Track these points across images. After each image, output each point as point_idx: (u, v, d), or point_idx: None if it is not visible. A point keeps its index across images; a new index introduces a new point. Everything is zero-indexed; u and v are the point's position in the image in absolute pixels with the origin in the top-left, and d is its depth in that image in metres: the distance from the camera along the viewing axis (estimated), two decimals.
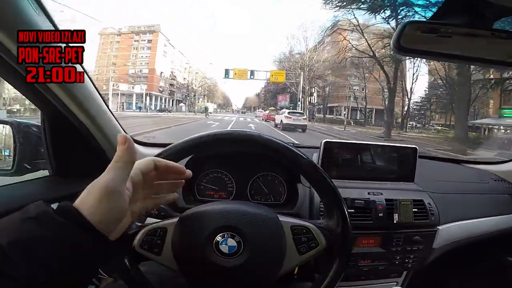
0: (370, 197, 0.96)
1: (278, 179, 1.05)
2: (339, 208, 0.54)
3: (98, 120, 0.83)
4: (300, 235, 0.53)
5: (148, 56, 34.93)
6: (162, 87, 36.03)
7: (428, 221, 0.98)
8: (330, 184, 0.55)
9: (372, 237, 0.96)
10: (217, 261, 0.49)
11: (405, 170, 1.09)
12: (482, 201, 1.17)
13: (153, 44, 34.98)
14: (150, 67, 34.57)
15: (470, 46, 0.63)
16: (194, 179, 1.02)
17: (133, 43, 34.52)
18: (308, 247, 0.53)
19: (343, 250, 0.54)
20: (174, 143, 0.57)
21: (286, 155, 0.54)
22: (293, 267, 0.54)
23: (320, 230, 0.54)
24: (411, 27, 0.61)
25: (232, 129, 0.57)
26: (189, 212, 0.54)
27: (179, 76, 40.47)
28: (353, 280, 0.98)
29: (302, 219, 0.57)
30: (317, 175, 0.55)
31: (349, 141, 1.09)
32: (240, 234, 0.50)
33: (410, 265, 1.00)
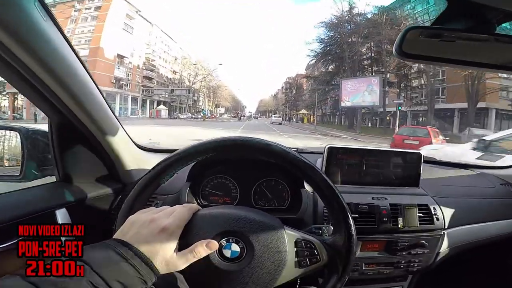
0: (374, 202, 0.96)
1: (282, 184, 1.05)
2: (347, 227, 0.55)
3: (105, 127, 0.84)
4: (303, 249, 0.54)
5: (92, 30, 21.18)
6: (120, 79, 23.23)
7: (434, 225, 0.98)
8: (341, 202, 0.55)
9: (376, 241, 0.96)
10: (219, 264, 0.50)
11: (410, 175, 1.08)
12: (489, 205, 1.16)
13: (101, 12, 21.20)
14: (92, 46, 21.06)
15: (473, 51, 0.63)
16: (199, 185, 1.03)
17: (72, 15, 21.32)
18: (309, 261, 0.53)
19: (344, 267, 0.55)
20: (180, 148, 0.58)
21: (300, 166, 0.55)
22: (291, 279, 0.54)
23: (324, 246, 0.55)
24: (413, 32, 0.62)
25: (249, 137, 0.58)
26: (197, 213, 0.54)
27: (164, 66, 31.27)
28: (358, 285, 0.98)
29: (307, 233, 0.57)
30: (329, 192, 0.56)
31: (353, 146, 1.09)
32: (245, 240, 0.51)
33: (415, 269, 0.99)
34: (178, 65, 34.42)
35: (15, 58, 0.55)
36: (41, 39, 0.57)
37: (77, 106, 0.72)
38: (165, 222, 0.47)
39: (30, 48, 0.56)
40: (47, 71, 0.61)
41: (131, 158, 0.99)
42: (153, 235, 0.45)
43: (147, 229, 0.46)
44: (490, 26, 0.60)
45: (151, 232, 0.45)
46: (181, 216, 0.49)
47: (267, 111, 47.30)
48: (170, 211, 0.50)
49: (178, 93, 31.97)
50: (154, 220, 0.47)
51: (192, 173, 0.99)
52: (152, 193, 0.60)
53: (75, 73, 0.68)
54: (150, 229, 0.46)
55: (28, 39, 0.55)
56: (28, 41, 0.55)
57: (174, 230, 0.47)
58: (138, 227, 0.46)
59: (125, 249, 0.42)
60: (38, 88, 0.65)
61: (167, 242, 0.45)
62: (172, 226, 0.47)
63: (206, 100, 40.07)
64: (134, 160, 1.01)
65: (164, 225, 0.46)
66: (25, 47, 0.55)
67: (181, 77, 34.75)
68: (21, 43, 0.54)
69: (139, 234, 0.45)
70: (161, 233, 0.46)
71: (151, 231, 0.45)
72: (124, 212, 0.55)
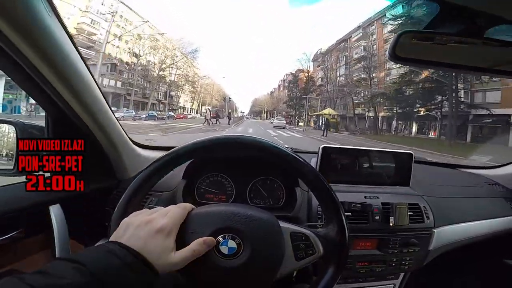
0: (366, 200, 0.98)
1: (277, 183, 1.06)
2: (339, 218, 0.57)
3: (102, 123, 0.84)
4: (298, 242, 0.55)
5: None
6: None
7: (424, 224, 1.00)
8: (332, 195, 0.58)
9: (368, 239, 0.98)
10: (217, 261, 0.50)
11: (401, 175, 1.11)
12: (477, 204, 1.19)
13: None
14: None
15: (463, 54, 0.65)
16: (194, 183, 1.04)
17: None
18: (306, 253, 0.55)
19: (340, 258, 0.57)
20: (177, 146, 0.59)
21: (292, 163, 0.58)
22: (290, 272, 0.55)
23: (318, 238, 0.56)
24: (406, 36, 0.63)
25: (241, 135, 0.60)
26: (192, 212, 0.55)
27: (117, 46, 23.17)
28: (350, 282, 1.00)
29: (302, 226, 0.59)
30: (320, 185, 0.58)
31: (346, 147, 1.11)
32: (241, 236, 0.52)
33: (407, 267, 1.01)
34: (144, 48, 25.47)
35: (16, 51, 0.55)
36: (44, 33, 0.57)
37: (75, 100, 0.72)
38: (161, 222, 0.47)
39: (33, 42, 0.56)
40: (48, 65, 0.61)
41: (126, 154, 0.99)
42: (150, 236, 0.45)
43: (143, 231, 0.46)
44: (480, 30, 0.63)
45: (148, 233, 0.46)
46: (176, 216, 0.50)
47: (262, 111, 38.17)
48: (165, 211, 0.51)
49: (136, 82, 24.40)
50: (150, 221, 0.47)
51: (188, 170, 1.00)
52: (146, 194, 0.61)
53: (75, 68, 0.69)
54: (147, 230, 0.46)
55: (32, 33, 0.55)
56: (32, 35, 0.55)
57: (170, 230, 0.47)
58: (134, 229, 0.46)
59: (123, 251, 0.42)
60: (37, 82, 0.65)
61: (164, 242, 0.46)
62: (168, 226, 0.47)
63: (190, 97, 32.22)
64: (129, 157, 1.01)
65: (160, 225, 0.47)
66: (29, 41, 0.55)
67: (148, 63, 25.84)
68: (25, 37, 0.54)
69: (136, 235, 0.45)
70: (158, 234, 0.46)
71: (147, 232, 0.46)
72: (117, 215, 0.55)
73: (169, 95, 27.95)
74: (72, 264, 0.38)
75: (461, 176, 1.39)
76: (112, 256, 0.41)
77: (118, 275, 0.40)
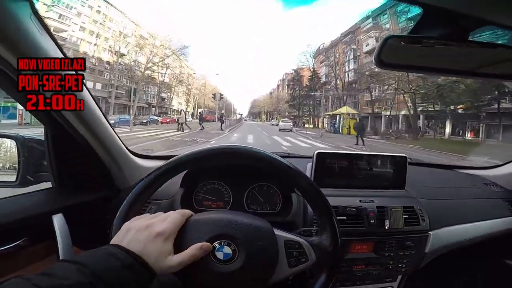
0: (362, 204, 0.98)
1: (273, 189, 1.07)
2: (332, 228, 0.59)
3: (100, 135, 0.86)
4: (292, 250, 0.57)
5: None
6: None
7: (419, 226, 1.00)
8: (326, 204, 0.60)
9: (365, 243, 0.98)
10: (212, 266, 0.52)
11: (396, 178, 1.12)
12: (475, 205, 1.19)
13: None
14: None
15: (448, 58, 0.65)
16: (192, 190, 1.05)
17: None
18: (299, 261, 0.57)
19: (332, 266, 0.59)
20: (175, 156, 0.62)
21: (288, 173, 0.61)
22: (283, 279, 0.57)
23: (311, 246, 0.58)
24: (392, 41, 0.64)
25: (238, 145, 0.63)
26: (190, 218, 0.57)
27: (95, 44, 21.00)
28: (348, 285, 1.00)
29: (296, 234, 0.61)
30: (314, 195, 0.61)
31: (341, 152, 1.12)
32: (236, 243, 0.54)
33: (404, 269, 1.02)
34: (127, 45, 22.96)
35: (13, 70, 0.57)
36: (37, 51, 0.59)
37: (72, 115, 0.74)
38: (160, 227, 0.49)
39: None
40: None
41: (125, 164, 1.01)
42: (149, 240, 0.47)
43: (143, 235, 0.48)
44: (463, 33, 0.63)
45: (147, 237, 0.48)
46: (175, 221, 0.52)
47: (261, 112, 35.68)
48: (165, 217, 0.53)
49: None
50: (150, 226, 0.49)
51: (186, 179, 1.02)
52: (146, 201, 0.64)
53: None
54: (146, 234, 0.48)
55: (26, 52, 0.57)
56: (26, 54, 0.57)
57: (169, 234, 0.49)
58: (134, 232, 0.49)
59: (124, 254, 0.44)
60: None
61: (163, 246, 0.48)
62: (167, 231, 0.49)
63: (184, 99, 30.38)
64: (128, 166, 1.03)
65: (160, 230, 0.49)
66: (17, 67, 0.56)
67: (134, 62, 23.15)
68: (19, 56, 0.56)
69: (136, 239, 0.47)
70: (157, 238, 0.48)
71: (147, 236, 0.48)
72: (119, 220, 0.57)
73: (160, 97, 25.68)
74: (75, 266, 0.41)
75: (458, 177, 1.39)
76: (113, 258, 0.43)
77: (118, 276, 0.42)
